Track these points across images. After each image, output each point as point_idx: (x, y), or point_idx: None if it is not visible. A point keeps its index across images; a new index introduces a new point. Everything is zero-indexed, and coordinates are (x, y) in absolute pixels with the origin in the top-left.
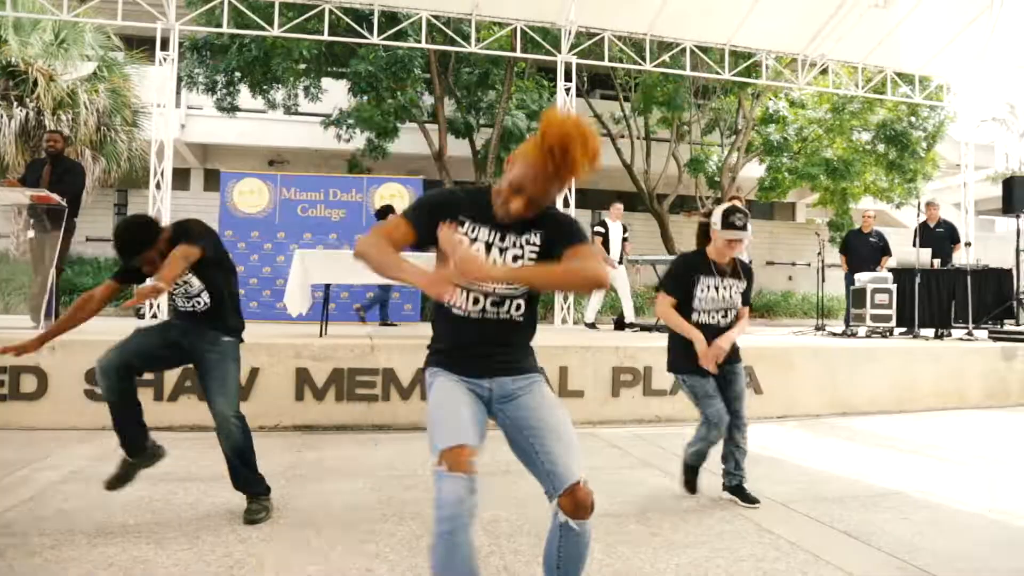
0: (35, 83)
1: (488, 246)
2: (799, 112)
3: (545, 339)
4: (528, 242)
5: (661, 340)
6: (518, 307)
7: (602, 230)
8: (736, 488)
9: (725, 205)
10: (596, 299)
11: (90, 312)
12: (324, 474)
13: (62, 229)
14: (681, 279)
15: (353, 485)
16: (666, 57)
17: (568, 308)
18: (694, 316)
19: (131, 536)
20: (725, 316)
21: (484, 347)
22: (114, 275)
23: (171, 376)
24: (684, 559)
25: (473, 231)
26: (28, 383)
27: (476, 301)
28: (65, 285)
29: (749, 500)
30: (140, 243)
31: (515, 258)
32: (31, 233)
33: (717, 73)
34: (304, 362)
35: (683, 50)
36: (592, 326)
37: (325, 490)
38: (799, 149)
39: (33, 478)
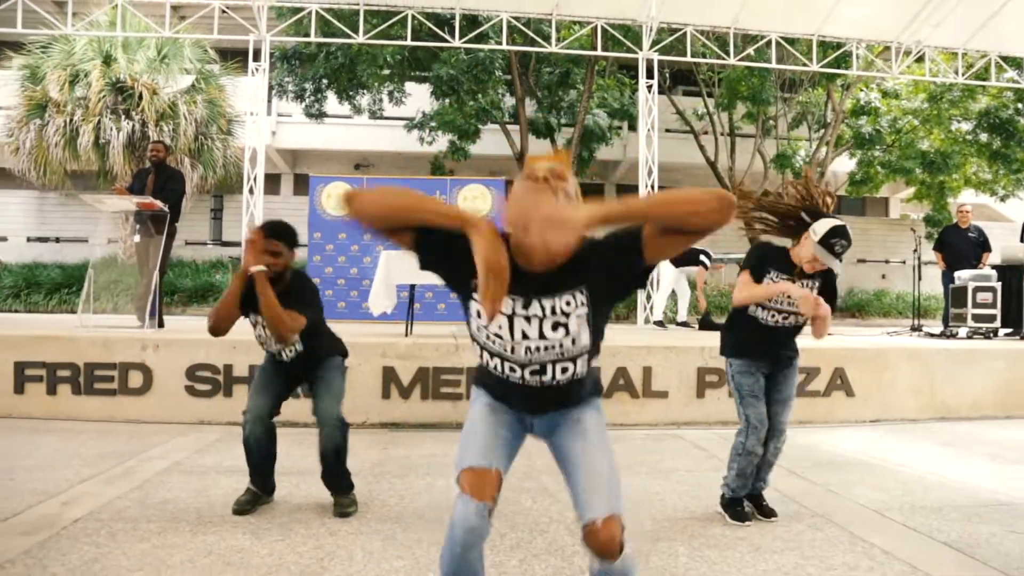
0: (140, 97)
1: (510, 319)
2: (893, 103)
3: (630, 339)
4: (567, 304)
5: None
6: (564, 370)
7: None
8: (754, 496)
9: (835, 221)
10: (684, 299)
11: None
12: (409, 471)
13: (164, 234)
14: (754, 262)
15: (437, 482)
16: (751, 50)
17: (651, 308)
18: (760, 313)
19: (228, 526)
20: (787, 318)
21: (528, 400)
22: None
23: None
24: (772, 565)
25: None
26: (135, 379)
27: (512, 370)
28: (167, 287)
29: (767, 513)
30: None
31: (555, 326)
32: (137, 238)
33: (804, 65)
34: (390, 361)
35: (768, 42)
36: (684, 324)
37: (410, 487)
38: (893, 141)
39: (140, 468)
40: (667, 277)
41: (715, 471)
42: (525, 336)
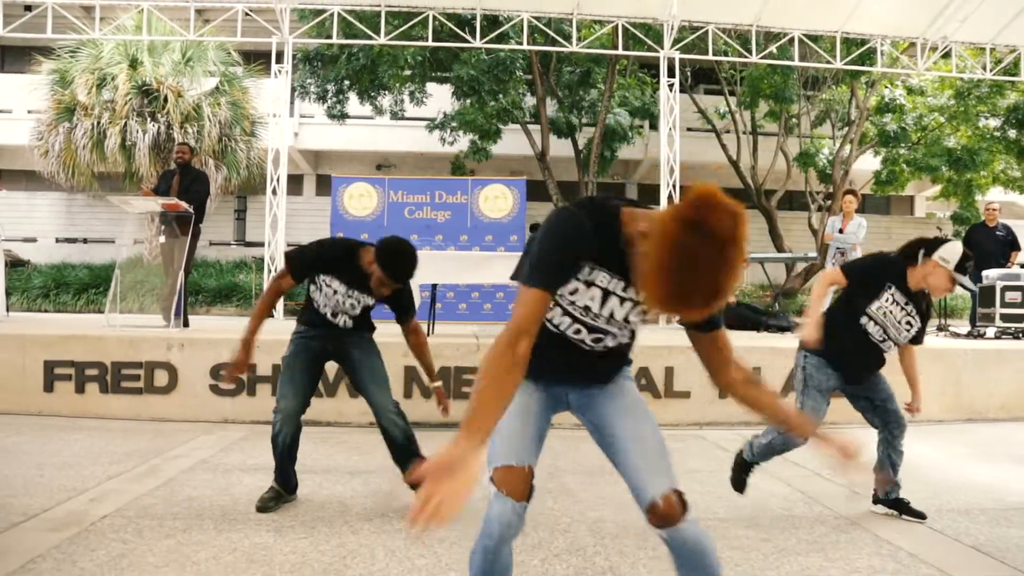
0: (165, 99)
1: (605, 293)
2: (918, 100)
3: (651, 339)
4: None
5: (769, 340)
6: (621, 341)
7: None
8: (897, 501)
9: (960, 247)
10: None
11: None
12: None
13: (189, 234)
14: (870, 275)
15: None
16: (773, 48)
17: None
18: (862, 320)
19: (252, 524)
20: (885, 342)
21: (573, 366)
22: (295, 275)
23: None
24: (796, 567)
25: (590, 273)
26: (160, 378)
27: (577, 332)
28: (192, 287)
29: (916, 514)
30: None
31: (639, 310)
32: (162, 239)
33: (828, 62)
34: (412, 360)
35: (791, 40)
36: None
37: None
38: (918, 139)
39: (165, 466)
40: None
41: None
42: (612, 315)
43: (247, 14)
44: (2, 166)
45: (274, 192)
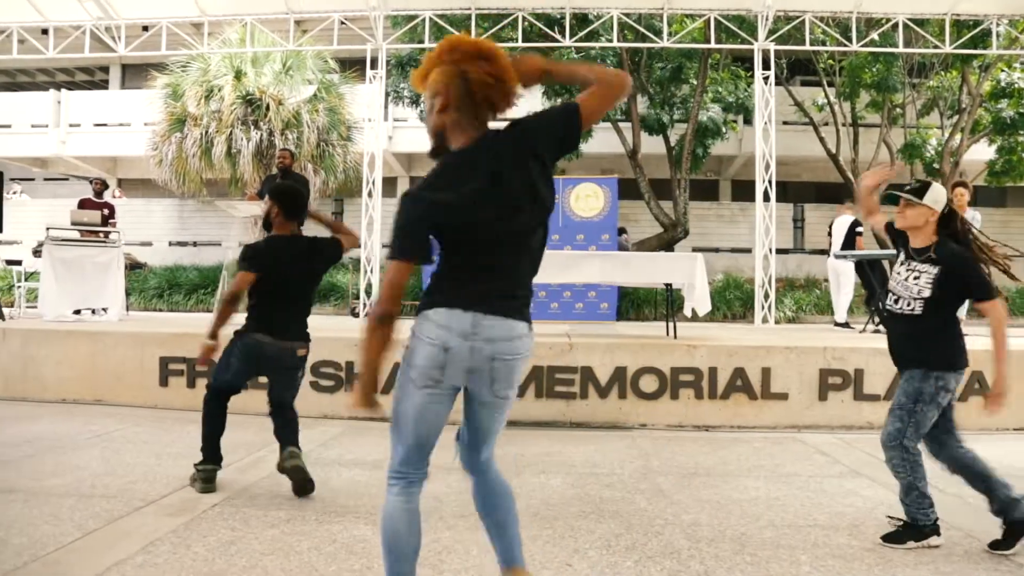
0: (267, 108)
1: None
2: None
3: (748, 339)
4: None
5: (872, 341)
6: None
7: (862, 229)
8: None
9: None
10: (846, 298)
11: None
12: (523, 469)
13: None
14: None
15: (552, 481)
16: (875, 35)
17: (769, 307)
18: (888, 303)
19: (351, 517)
20: (910, 306)
21: None
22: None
23: None
24: None
25: None
26: None
27: None
28: None
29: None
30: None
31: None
32: None
33: (936, 47)
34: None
35: (895, 25)
36: (845, 325)
37: (525, 484)
38: None
39: (269, 459)
40: (847, 274)
41: (839, 477)
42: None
43: (343, 23)
44: (122, 175)
45: (370, 194)
